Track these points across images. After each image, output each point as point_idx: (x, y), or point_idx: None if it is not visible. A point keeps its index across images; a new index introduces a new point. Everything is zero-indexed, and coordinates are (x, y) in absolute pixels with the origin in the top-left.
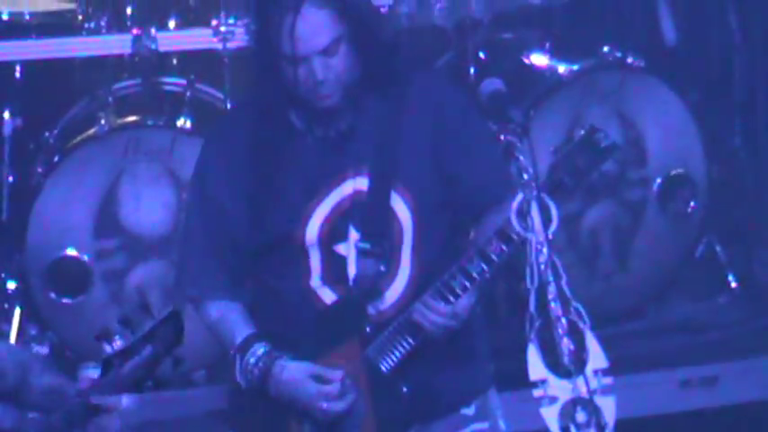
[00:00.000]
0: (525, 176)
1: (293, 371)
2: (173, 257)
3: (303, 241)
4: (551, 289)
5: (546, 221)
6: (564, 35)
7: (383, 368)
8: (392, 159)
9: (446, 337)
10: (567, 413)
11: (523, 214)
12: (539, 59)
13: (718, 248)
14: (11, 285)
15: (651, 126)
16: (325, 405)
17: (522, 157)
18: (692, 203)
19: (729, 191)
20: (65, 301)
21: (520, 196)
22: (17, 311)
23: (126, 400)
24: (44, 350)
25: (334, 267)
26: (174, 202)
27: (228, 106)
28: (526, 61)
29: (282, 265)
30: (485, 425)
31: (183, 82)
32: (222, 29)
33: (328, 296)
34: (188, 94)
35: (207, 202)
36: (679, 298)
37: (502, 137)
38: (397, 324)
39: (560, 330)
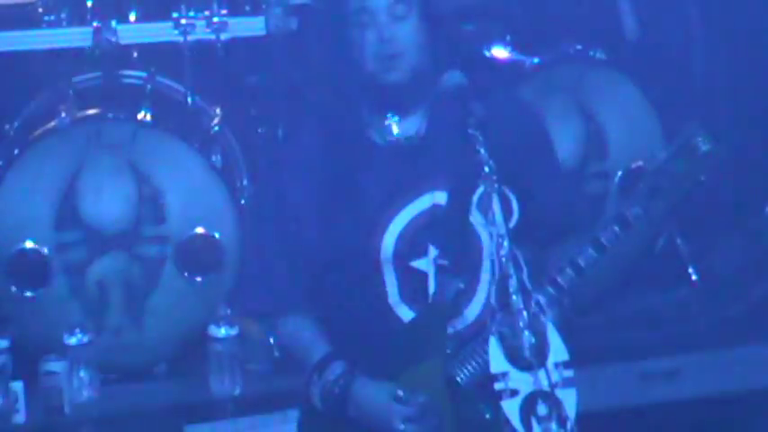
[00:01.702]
0: (486, 169)
1: (375, 390)
2: (133, 250)
3: (379, 256)
4: (512, 282)
5: (507, 214)
6: (525, 28)
7: (465, 389)
8: (472, 173)
9: None
10: (528, 406)
11: (484, 207)
12: (500, 52)
13: (678, 241)
14: None
15: (612, 119)
16: (402, 427)
17: (482, 150)
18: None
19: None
20: (25, 294)
21: (481, 189)
22: None
23: (87, 393)
24: (4, 343)
25: (411, 284)
26: (135, 195)
27: (189, 99)
28: (487, 54)
29: (357, 281)
30: None
31: (144, 75)
32: (183, 21)
33: (406, 314)
34: (149, 86)
35: (280, 213)
36: (640, 291)
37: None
38: (478, 343)
39: (521, 323)
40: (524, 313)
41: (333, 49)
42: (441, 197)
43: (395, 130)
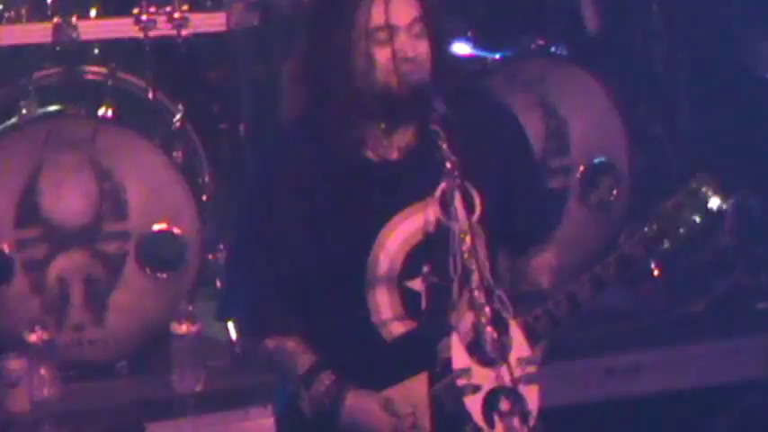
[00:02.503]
0: (448, 165)
1: (368, 399)
2: (94, 247)
3: (371, 275)
4: (474, 278)
5: (469, 210)
6: (487, 24)
7: (450, 409)
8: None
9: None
10: (490, 402)
11: (446, 203)
12: (462, 48)
13: None
14: None
15: (574, 114)
16: None
17: (444, 146)
18: (614, 191)
19: (651, 178)
20: None
21: (443, 184)
22: None
23: (48, 390)
24: None
25: (404, 302)
26: (96, 192)
27: (151, 95)
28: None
29: (349, 298)
30: None
31: (105, 71)
32: (144, 17)
33: (397, 329)
34: (110, 82)
35: (269, 230)
36: None
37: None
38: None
39: (483, 319)
40: (486, 309)
41: (337, 65)
42: (432, 214)
43: (390, 145)
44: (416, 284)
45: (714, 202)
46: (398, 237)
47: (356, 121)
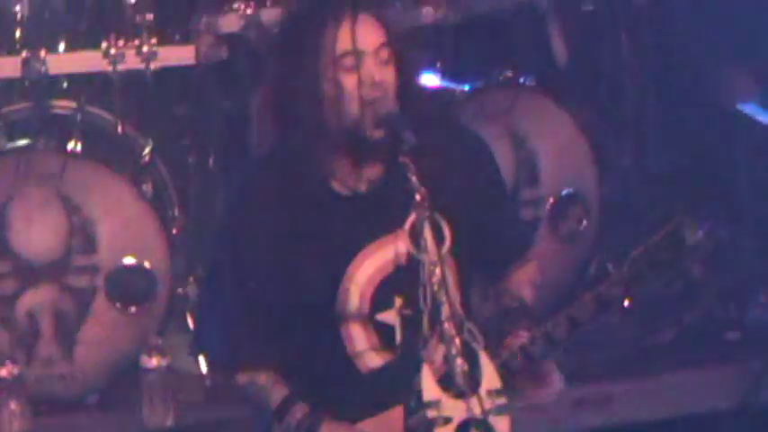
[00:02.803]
0: (417, 197)
1: (342, 431)
2: (64, 281)
3: (343, 308)
4: (444, 309)
5: (438, 241)
6: (455, 55)
7: None
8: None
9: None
10: None
11: (416, 234)
12: (430, 80)
13: (609, 267)
14: None
15: (543, 146)
16: None
17: (413, 178)
18: (583, 222)
19: (620, 209)
20: None
21: (412, 216)
22: None
23: (18, 425)
24: None
25: (378, 335)
26: (65, 226)
27: (120, 129)
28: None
29: (322, 330)
30: None
31: (74, 105)
32: (112, 51)
33: (373, 362)
34: (79, 116)
35: (238, 266)
36: None
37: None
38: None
39: (453, 350)
40: (456, 340)
41: (306, 95)
42: (403, 246)
43: (358, 178)
44: (390, 317)
45: (692, 240)
46: (368, 269)
47: (324, 154)
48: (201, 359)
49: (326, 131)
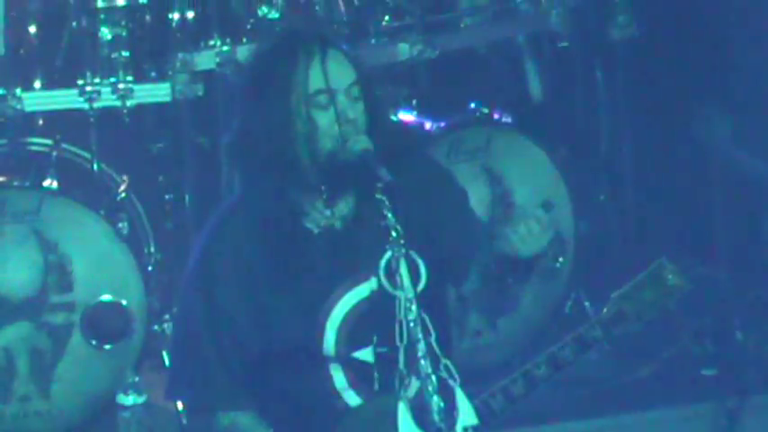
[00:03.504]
0: (394, 234)
1: None
2: (40, 318)
3: (320, 346)
4: (421, 346)
5: (414, 279)
6: (430, 92)
7: None
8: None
9: None
10: None
11: (392, 272)
12: (406, 116)
13: (586, 304)
14: None
15: (519, 182)
16: None
17: (389, 215)
18: (560, 259)
19: (596, 246)
20: None
21: (388, 254)
22: None
23: None
24: None
25: (357, 373)
26: (41, 263)
27: (96, 167)
28: (393, 118)
29: (300, 369)
30: None
31: (50, 142)
32: (88, 88)
33: (353, 399)
34: (54, 154)
35: (212, 309)
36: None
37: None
38: None
39: (430, 388)
40: (433, 377)
41: (278, 133)
42: (377, 283)
43: (331, 214)
44: (367, 355)
45: (673, 281)
46: (344, 307)
47: (297, 192)
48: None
49: (299, 170)
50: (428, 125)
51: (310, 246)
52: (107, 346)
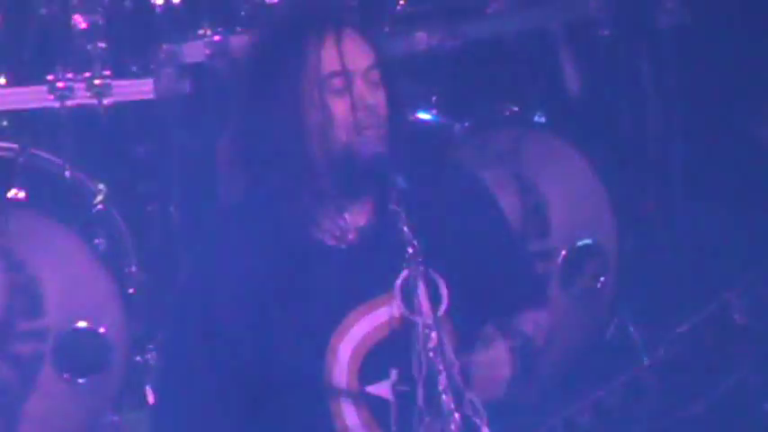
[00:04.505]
0: (410, 250)
1: None
2: (5, 348)
3: (329, 381)
4: (441, 379)
5: (434, 302)
6: (452, 87)
7: None
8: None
9: None
10: None
11: (409, 293)
12: (424, 116)
13: (631, 329)
14: None
15: (553, 190)
16: None
17: (406, 229)
18: (601, 278)
19: (643, 263)
20: None
21: (404, 273)
22: None
23: None
24: None
25: (371, 410)
26: (6, 285)
27: (68, 174)
28: (410, 118)
29: (306, 404)
30: None
31: (16, 146)
32: (59, 85)
33: None
34: (21, 160)
35: (208, 336)
36: (589, 383)
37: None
38: None
39: (453, 426)
40: (456, 415)
41: (286, 125)
42: (398, 308)
43: (345, 224)
44: (382, 390)
45: (741, 322)
46: (357, 334)
47: (307, 197)
48: None
49: (310, 168)
50: (450, 125)
51: (322, 261)
52: (82, 380)
